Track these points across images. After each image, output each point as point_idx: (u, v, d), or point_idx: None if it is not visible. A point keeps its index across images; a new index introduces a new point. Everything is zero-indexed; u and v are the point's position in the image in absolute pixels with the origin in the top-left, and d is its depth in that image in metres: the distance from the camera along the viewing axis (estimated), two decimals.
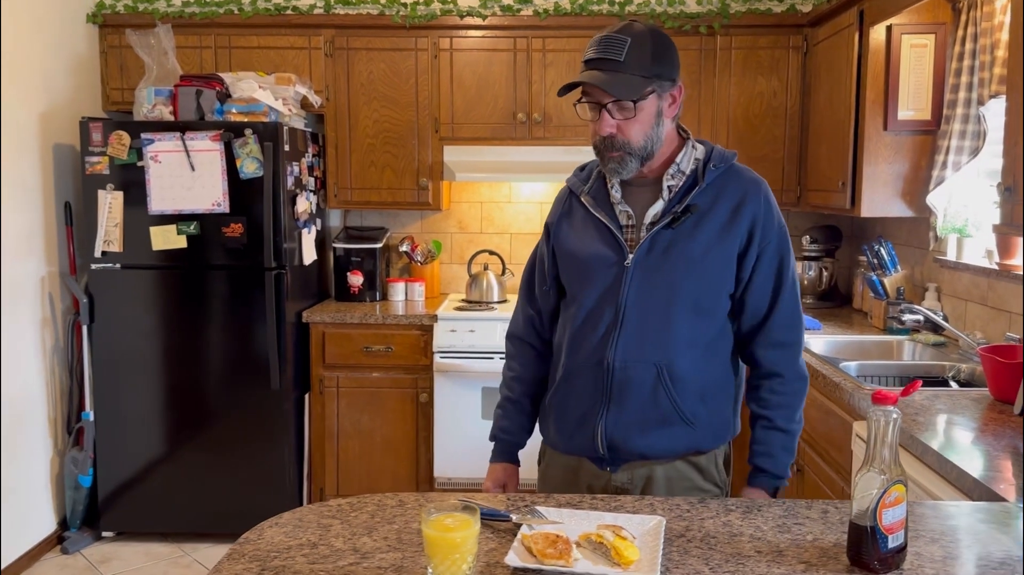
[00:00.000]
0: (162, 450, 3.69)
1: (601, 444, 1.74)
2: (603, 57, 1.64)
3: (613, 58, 1.64)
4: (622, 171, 1.71)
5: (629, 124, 1.67)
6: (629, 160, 1.70)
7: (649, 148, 1.70)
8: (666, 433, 1.73)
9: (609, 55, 1.64)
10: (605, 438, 1.74)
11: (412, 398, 3.87)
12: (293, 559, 1.33)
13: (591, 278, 1.75)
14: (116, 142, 3.52)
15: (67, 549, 3.64)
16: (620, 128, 1.67)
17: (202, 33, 4.01)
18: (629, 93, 1.64)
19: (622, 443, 1.73)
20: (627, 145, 1.68)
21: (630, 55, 1.63)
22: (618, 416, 1.72)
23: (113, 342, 3.65)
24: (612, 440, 1.73)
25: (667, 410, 1.71)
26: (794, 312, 1.77)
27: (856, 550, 1.30)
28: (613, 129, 1.67)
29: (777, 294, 1.74)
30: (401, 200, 4.09)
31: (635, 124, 1.67)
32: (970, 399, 2.36)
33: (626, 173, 1.72)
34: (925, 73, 3.26)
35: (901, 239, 3.69)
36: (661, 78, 1.67)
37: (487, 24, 3.97)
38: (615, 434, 1.73)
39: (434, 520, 1.25)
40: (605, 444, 1.74)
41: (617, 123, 1.67)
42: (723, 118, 3.97)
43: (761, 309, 1.75)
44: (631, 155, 1.69)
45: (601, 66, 1.65)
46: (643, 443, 1.73)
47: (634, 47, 1.64)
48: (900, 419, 1.30)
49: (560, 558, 1.28)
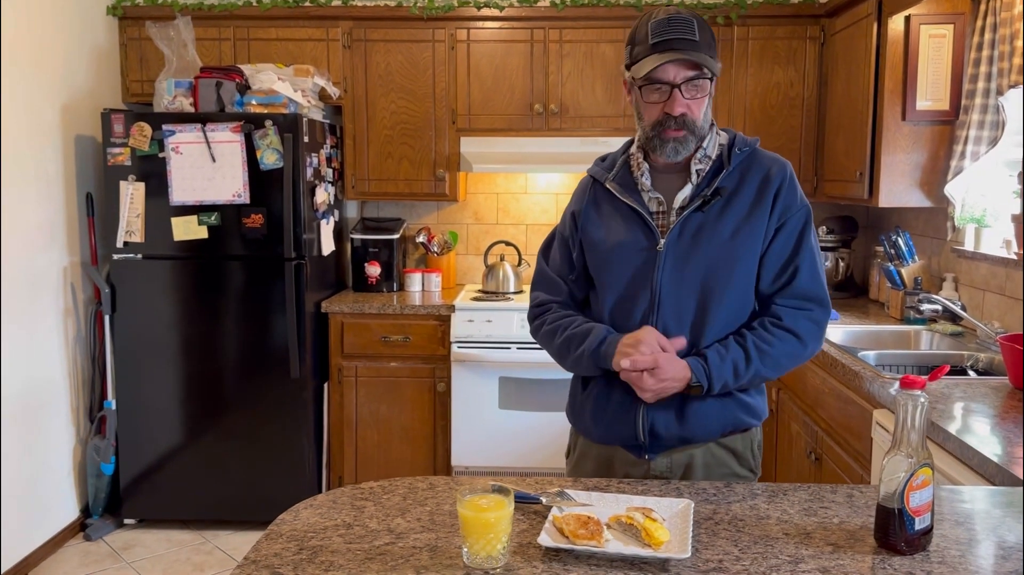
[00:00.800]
0: (183, 438, 3.73)
1: (642, 430, 1.76)
2: (680, 37, 1.66)
3: (690, 38, 1.66)
4: (682, 150, 1.73)
5: (697, 103, 1.71)
6: (690, 139, 1.72)
7: (704, 130, 1.75)
8: (705, 413, 1.75)
9: (686, 35, 1.66)
10: (647, 424, 1.75)
11: (430, 387, 3.90)
12: (330, 539, 1.35)
13: (623, 265, 1.77)
14: (137, 133, 3.56)
15: (90, 536, 3.69)
16: (689, 107, 1.70)
17: (221, 25, 4.03)
18: (714, 70, 1.69)
19: (664, 428, 1.75)
20: (693, 124, 1.71)
21: (701, 35, 1.68)
22: (659, 401, 1.73)
23: (135, 332, 3.69)
24: (654, 425, 1.75)
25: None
26: (814, 278, 1.75)
27: (884, 532, 1.32)
28: (685, 108, 1.70)
29: (794, 258, 1.74)
30: (418, 191, 4.12)
31: (701, 103, 1.71)
32: (989, 387, 2.37)
33: (684, 152, 1.74)
34: (944, 63, 3.26)
35: (918, 229, 3.70)
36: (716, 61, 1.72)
37: (504, 15, 3.98)
38: (657, 419, 1.75)
39: (468, 501, 1.27)
40: (646, 430, 1.76)
41: (687, 103, 1.70)
42: (740, 108, 3.97)
43: (778, 274, 1.75)
44: (693, 134, 1.72)
45: (679, 46, 1.66)
46: (684, 426, 1.75)
47: (701, 28, 1.68)
48: (928, 403, 1.31)
49: (592, 539, 1.30)
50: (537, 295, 1.94)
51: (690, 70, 1.67)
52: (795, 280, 1.74)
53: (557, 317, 1.86)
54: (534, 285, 1.97)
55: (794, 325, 1.73)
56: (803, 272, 1.74)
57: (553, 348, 1.87)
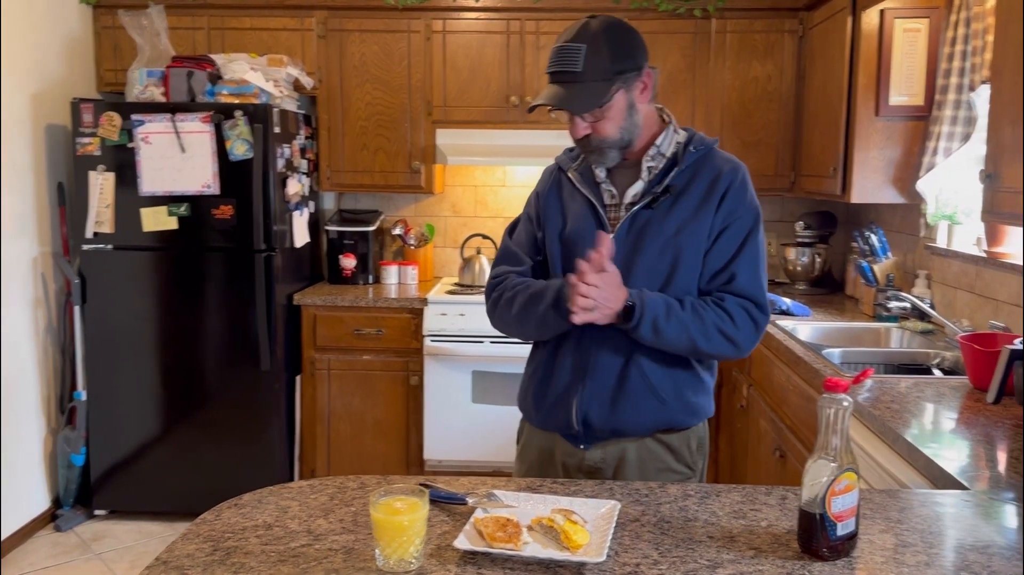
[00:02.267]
0: (154, 430, 3.72)
1: (576, 420, 1.77)
2: (561, 70, 1.67)
3: (571, 69, 1.66)
4: (605, 162, 1.78)
5: (602, 124, 1.71)
6: (609, 152, 1.75)
7: (627, 138, 1.75)
8: (637, 408, 1.75)
9: (567, 67, 1.66)
10: (580, 413, 1.76)
11: (403, 381, 3.88)
12: (246, 540, 1.34)
13: (572, 253, 1.76)
14: (107, 123, 3.53)
15: (60, 527, 3.68)
16: (594, 128, 1.71)
17: (195, 14, 4.00)
18: (591, 103, 1.67)
19: (595, 419, 1.76)
20: (603, 142, 1.73)
21: (587, 63, 1.66)
22: (592, 391, 1.76)
23: (105, 322, 3.67)
24: (586, 415, 1.76)
25: (637, 384, 1.74)
26: (753, 281, 1.74)
27: (806, 537, 1.30)
28: (587, 131, 1.72)
29: (735, 259, 1.73)
30: (394, 183, 4.09)
31: (607, 123, 1.71)
32: (949, 387, 2.35)
33: (610, 162, 1.78)
34: (918, 58, 3.22)
35: (894, 226, 3.67)
36: (625, 73, 1.69)
37: (480, 6, 3.94)
38: (589, 409, 1.76)
39: (382, 503, 1.26)
40: (579, 420, 1.77)
41: (590, 124, 1.71)
42: (717, 103, 3.94)
43: (718, 273, 1.74)
44: (610, 148, 1.74)
45: (561, 78, 1.68)
46: (614, 419, 1.76)
47: (591, 53, 1.66)
48: (851, 407, 1.29)
49: (509, 541, 1.28)
50: (498, 269, 1.90)
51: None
52: (734, 281, 1.74)
53: (514, 283, 1.82)
54: (496, 262, 1.94)
55: (732, 309, 1.72)
56: (742, 274, 1.74)
57: (512, 315, 1.80)
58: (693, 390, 1.80)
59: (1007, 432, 1.96)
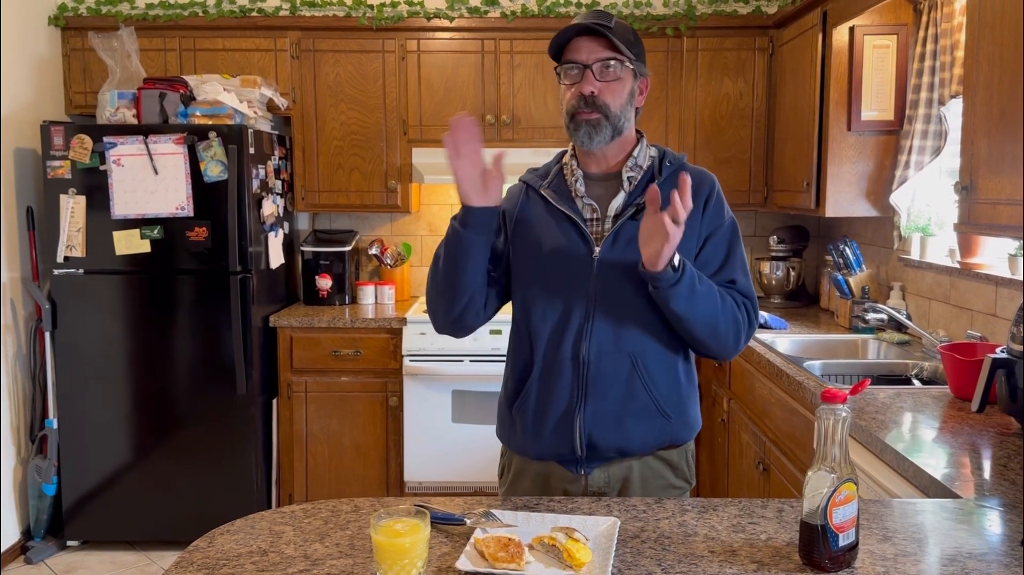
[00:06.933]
0: (128, 457, 3.64)
1: (579, 442, 1.73)
2: (596, 22, 1.69)
3: (605, 23, 1.69)
4: (595, 135, 1.71)
5: (609, 87, 1.71)
6: (604, 125, 1.71)
7: (621, 122, 1.73)
8: (644, 425, 1.73)
9: (601, 20, 1.70)
10: (584, 435, 1.72)
11: (382, 402, 3.85)
12: (242, 567, 1.31)
13: (557, 272, 1.75)
14: (78, 146, 3.48)
15: (31, 559, 3.58)
16: (601, 90, 1.70)
17: (166, 35, 3.97)
18: (630, 58, 1.71)
19: (601, 439, 1.72)
20: (605, 107, 1.70)
21: (618, 26, 1.71)
22: (596, 411, 1.72)
23: (77, 348, 3.60)
24: (591, 436, 1.72)
25: (644, 401, 1.72)
26: (748, 285, 1.78)
27: (808, 549, 1.30)
28: (595, 88, 1.70)
29: (727, 264, 1.76)
30: (369, 203, 4.07)
31: (615, 88, 1.71)
32: (931, 397, 2.38)
33: (598, 140, 1.72)
34: (888, 73, 3.28)
35: (867, 238, 3.72)
36: (639, 60, 1.74)
37: (454, 26, 3.96)
38: (594, 429, 1.72)
39: (383, 526, 1.24)
40: (583, 442, 1.73)
41: (599, 85, 1.70)
42: (690, 120, 3.98)
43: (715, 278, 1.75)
44: (607, 120, 1.71)
45: (594, 27, 1.69)
46: (621, 437, 1.73)
47: (620, 23, 1.72)
48: (850, 417, 1.30)
49: (512, 561, 1.27)
50: None
51: (603, 51, 1.69)
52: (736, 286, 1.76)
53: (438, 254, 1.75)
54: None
55: (735, 300, 1.73)
56: (740, 280, 1.76)
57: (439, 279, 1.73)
58: (691, 403, 1.80)
59: (992, 440, 1.99)
